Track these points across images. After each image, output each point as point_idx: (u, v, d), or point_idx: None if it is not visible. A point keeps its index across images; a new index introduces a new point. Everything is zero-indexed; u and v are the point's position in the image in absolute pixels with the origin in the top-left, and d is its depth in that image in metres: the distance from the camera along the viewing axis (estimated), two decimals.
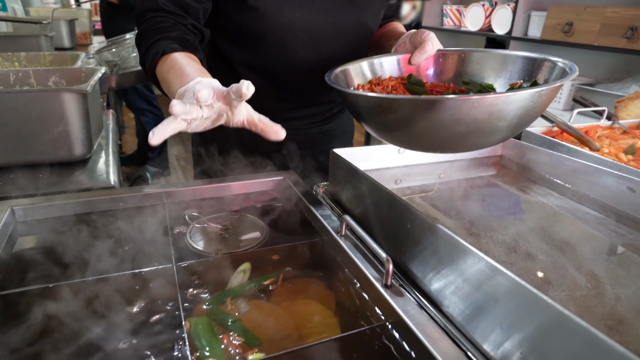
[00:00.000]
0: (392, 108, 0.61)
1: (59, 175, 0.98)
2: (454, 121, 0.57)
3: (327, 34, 0.89)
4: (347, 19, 0.90)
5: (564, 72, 0.67)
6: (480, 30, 2.48)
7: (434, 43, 0.79)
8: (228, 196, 0.81)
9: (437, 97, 0.57)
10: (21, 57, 1.41)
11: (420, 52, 0.77)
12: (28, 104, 0.93)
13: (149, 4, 0.78)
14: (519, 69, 0.77)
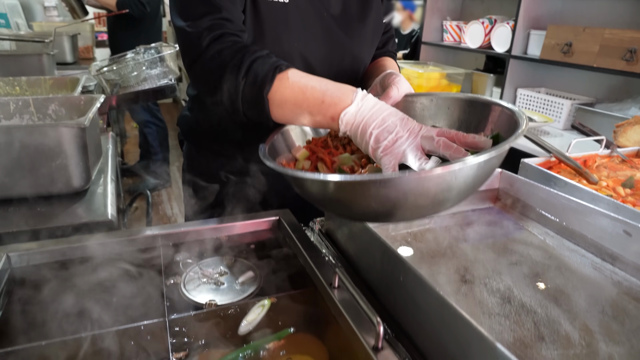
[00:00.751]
0: (305, 186, 0.59)
1: (57, 208, 0.99)
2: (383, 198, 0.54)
3: (322, 64, 0.90)
4: (343, 51, 0.91)
5: (515, 124, 0.64)
6: (480, 48, 2.49)
7: (399, 88, 0.78)
8: (223, 237, 0.81)
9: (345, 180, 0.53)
10: (22, 82, 1.42)
11: (386, 98, 0.77)
12: (26, 138, 0.94)
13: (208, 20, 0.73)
14: (477, 113, 0.75)
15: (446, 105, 0.79)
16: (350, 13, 0.90)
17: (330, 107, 0.64)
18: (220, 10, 0.74)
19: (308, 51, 0.86)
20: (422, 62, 2.86)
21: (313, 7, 0.84)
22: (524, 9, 2.22)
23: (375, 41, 0.97)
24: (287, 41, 0.82)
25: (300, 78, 0.67)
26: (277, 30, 0.81)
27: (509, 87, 2.37)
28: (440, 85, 2.55)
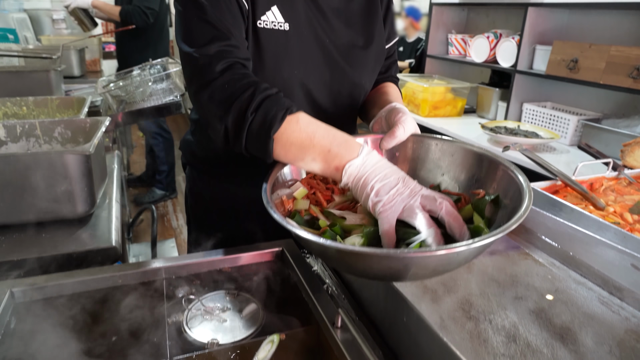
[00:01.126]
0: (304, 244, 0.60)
1: (62, 234, 0.99)
2: (386, 268, 0.56)
3: (323, 92, 0.90)
4: (343, 78, 0.91)
5: (518, 191, 0.65)
6: (485, 62, 2.48)
7: (405, 127, 0.78)
8: (226, 269, 0.81)
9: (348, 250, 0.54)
10: (29, 102, 1.44)
11: (390, 138, 0.78)
12: (32, 165, 0.95)
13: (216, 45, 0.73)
14: (480, 167, 0.76)
15: (451, 151, 0.79)
16: (352, 41, 0.90)
17: (336, 157, 0.65)
18: (228, 36, 0.73)
19: (308, 79, 0.86)
20: (427, 75, 2.87)
21: (314, 34, 0.84)
22: (529, 24, 2.21)
23: (377, 68, 0.97)
24: (287, 68, 0.83)
25: (309, 124, 0.68)
26: (277, 58, 0.81)
27: (515, 101, 2.37)
28: (446, 99, 2.55)
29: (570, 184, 1.15)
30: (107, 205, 1.15)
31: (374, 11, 0.93)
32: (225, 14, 0.74)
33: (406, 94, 2.67)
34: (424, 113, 2.53)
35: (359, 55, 0.90)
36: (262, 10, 0.79)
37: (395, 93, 0.99)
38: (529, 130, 2.12)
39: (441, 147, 0.80)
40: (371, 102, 0.98)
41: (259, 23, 0.79)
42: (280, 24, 0.80)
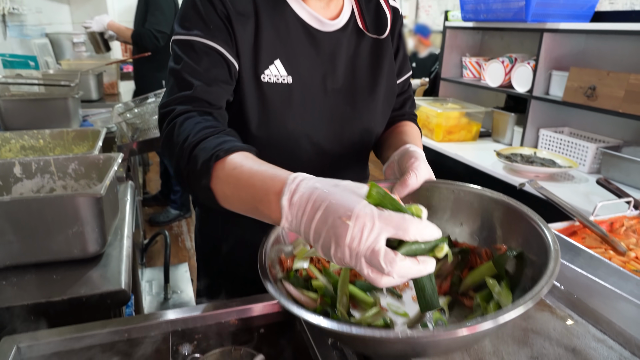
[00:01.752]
0: None
1: (72, 275, 0.99)
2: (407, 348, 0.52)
3: (330, 141, 0.88)
4: (351, 125, 0.89)
5: (545, 249, 0.60)
6: (500, 87, 2.46)
7: (418, 174, 0.74)
8: (232, 321, 0.80)
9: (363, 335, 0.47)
10: (45, 135, 1.46)
11: (402, 187, 0.74)
12: (44, 208, 0.95)
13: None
14: (508, 222, 0.71)
15: (469, 199, 0.74)
16: (357, 85, 0.88)
17: (263, 206, 0.55)
18: (193, 86, 0.73)
19: (314, 130, 0.85)
20: (441, 99, 2.85)
21: (319, 84, 0.83)
22: (545, 49, 2.19)
23: (388, 109, 0.95)
24: (291, 121, 0.82)
25: (234, 169, 0.60)
26: (281, 111, 0.81)
27: (531, 127, 2.33)
28: (460, 123, 2.52)
29: (588, 225, 1.11)
30: (119, 242, 1.15)
31: (383, 49, 0.91)
32: (201, 68, 0.74)
33: (420, 117, 2.65)
34: (438, 138, 2.51)
35: (367, 99, 0.89)
36: (265, 64, 0.79)
37: (412, 132, 0.96)
38: (546, 158, 2.08)
39: (458, 195, 0.76)
40: (386, 143, 0.95)
41: (262, 77, 0.79)
42: (283, 77, 0.80)
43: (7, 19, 2.51)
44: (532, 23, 2.15)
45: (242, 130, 0.83)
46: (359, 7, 0.88)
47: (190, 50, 0.74)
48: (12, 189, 1.18)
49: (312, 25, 0.82)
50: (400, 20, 0.94)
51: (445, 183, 0.77)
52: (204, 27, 0.75)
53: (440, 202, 0.77)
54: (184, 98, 0.73)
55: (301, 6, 0.81)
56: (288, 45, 0.81)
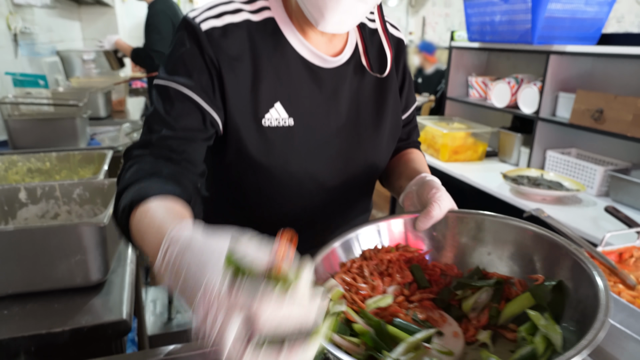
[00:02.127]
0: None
1: (74, 303, 0.99)
2: None
3: (334, 178, 0.87)
4: (355, 162, 0.88)
5: (591, 282, 0.59)
6: (506, 107, 2.45)
7: (441, 205, 0.73)
8: None
9: None
10: (52, 157, 1.47)
11: (426, 218, 0.73)
12: (46, 237, 0.95)
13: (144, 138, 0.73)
14: (539, 251, 0.70)
15: (495, 229, 0.73)
16: (362, 121, 0.86)
17: (151, 256, 0.52)
18: (156, 131, 0.72)
19: (317, 170, 0.83)
20: (447, 118, 2.84)
21: (320, 123, 0.82)
22: (552, 71, 2.18)
23: (393, 144, 0.94)
24: (294, 163, 0.81)
25: (145, 214, 0.58)
26: (284, 154, 0.79)
27: (538, 148, 2.31)
28: (466, 144, 2.51)
29: (596, 257, 1.09)
30: (122, 268, 1.15)
31: (387, 86, 0.89)
32: (171, 117, 0.72)
33: (425, 137, 2.64)
34: (444, 158, 2.50)
35: (372, 136, 0.87)
36: (265, 108, 0.77)
37: (420, 160, 0.96)
38: (554, 180, 2.06)
39: (484, 225, 0.75)
40: (396, 172, 0.94)
41: (263, 122, 0.77)
42: (284, 119, 0.78)
43: (18, 37, 2.55)
44: (539, 45, 2.15)
45: (246, 171, 0.82)
46: (364, 42, 0.86)
47: (165, 97, 0.73)
48: (17, 214, 1.18)
49: (314, 63, 0.80)
50: (404, 51, 0.94)
51: (469, 213, 0.76)
52: (184, 73, 0.73)
53: (466, 231, 0.75)
54: (144, 143, 0.72)
55: (302, 44, 0.79)
56: (289, 85, 0.79)
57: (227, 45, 0.74)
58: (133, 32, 5.47)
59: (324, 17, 0.70)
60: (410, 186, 0.83)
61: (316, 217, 0.89)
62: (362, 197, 0.95)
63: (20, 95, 2.20)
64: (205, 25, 0.73)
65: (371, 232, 0.77)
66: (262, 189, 0.83)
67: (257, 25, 0.77)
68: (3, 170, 1.41)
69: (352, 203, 0.93)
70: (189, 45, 0.74)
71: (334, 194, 0.87)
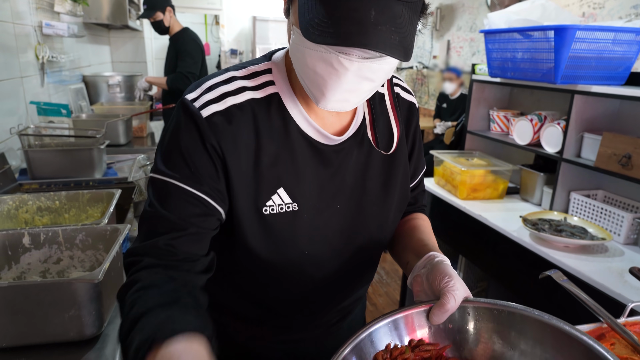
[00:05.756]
0: None
1: (67, 358, 0.97)
2: None
3: (336, 259, 0.82)
4: (360, 240, 0.82)
5: None
6: (528, 145, 2.37)
7: (456, 296, 0.67)
8: None
9: None
10: (62, 196, 1.48)
11: (441, 312, 0.67)
12: (41, 293, 0.94)
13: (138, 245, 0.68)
14: (556, 346, 0.64)
15: (515, 321, 0.68)
16: (367, 197, 0.81)
17: None
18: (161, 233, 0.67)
19: (317, 252, 0.79)
20: (467, 152, 2.77)
21: (325, 204, 0.77)
22: (576, 111, 2.10)
23: (399, 216, 0.89)
24: (295, 248, 0.76)
25: None
26: (284, 241, 0.75)
27: (561, 189, 2.22)
28: (486, 181, 2.43)
29: (618, 331, 1.01)
30: (118, 320, 1.13)
31: (396, 159, 0.84)
32: (175, 217, 0.67)
33: (444, 173, 2.58)
34: (462, 196, 2.42)
35: (378, 212, 0.83)
36: (267, 196, 0.73)
37: (426, 229, 0.90)
38: (577, 226, 1.96)
39: (501, 317, 0.70)
40: (402, 243, 0.89)
41: (264, 210, 0.73)
42: (288, 205, 0.74)
43: (45, 66, 2.63)
44: (562, 84, 2.07)
45: (240, 257, 0.79)
46: (371, 114, 0.81)
47: (166, 194, 0.68)
48: (20, 258, 1.18)
49: (319, 141, 0.76)
50: (416, 115, 0.89)
51: (485, 303, 0.71)
52: (185, 166, 0.68)
53: (484, 323, 0.71)
54: (151, 249, 0.67)
55: (307, 121, 0.74)
56: (292, 168, 0.74)
57: (230, 131, 0.69)
58: (159, 53, 5.63)
59: (325, 95, 0.66)
60: (419, 268, 0.77)
61: (315, 297, 0.85)
62: (366, 271, 0.90)
63: (42, 126, 2.26)
64: (206, 112, 0.68)
65: (384, 331, 0.70)
66: (257, 274, 0.80)
67: (261, 102, 0.73)
68: (14, 209, 1.42)
69: (354, 279, 0.88)
70: (189, 134, 0.69)
71: (335, 274, 0.83)
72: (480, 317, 0.71)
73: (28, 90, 2.39)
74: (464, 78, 5.04)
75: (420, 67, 6.20)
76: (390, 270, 3.67)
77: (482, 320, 0.71)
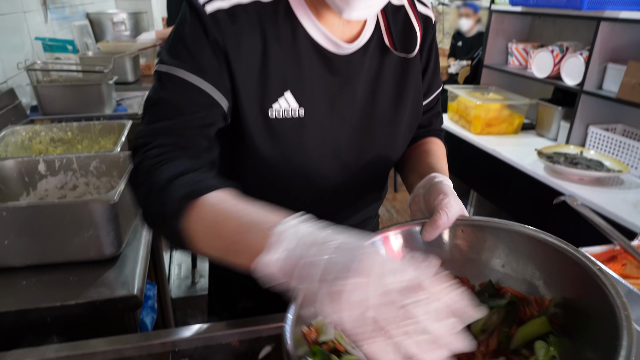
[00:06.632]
0: None
1: (88, 276, 1.01)
2: None
3: (342, 174, 0.81)
4: (367, 156, 0.81)
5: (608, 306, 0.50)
6: (547, 78, 2.28)
7: (449, 213, 0.65)
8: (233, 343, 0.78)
9: None
10: (73, 127, 1.49)
11: (432, 228, 0.65)
12: (60, 213, 0.97)
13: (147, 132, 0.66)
14: (556, 266, 0.60)
15: (509, 239, 0.65)
16: (378, 111, 0.79)
17: (243, 252, 0.49)
18: (170, 117, 0.66)
19: (324, 163, 0.77)
20: (482, 87, 2.69)
21: (333, 114, 0.75)
22: (601, 39, 1.99)
23: (409, 135, 0.86)
24: (301, 156, 0.75)
25: (214, 207, 0.54)
26: (290, 148, 0.74)
27: (579, 123, 2.16)
28: (501, 116, 2.38)
29: (630, 251, 1.01)
30: (137, 241, 1.16)
31: (410, 69, 0.81)
32: (181, 104, 0.66)
33: (458, 109, 2.52)
34: (476, 131, 2.38)
35: (388, 127, 0.80)
36: (273, 98, 0.70)
37: (437, 152, 0.87)
38: (594, 159, 1.92)
39: (496, 234, 0.67)
40: (410, 165, 0.87)
41: (270, 113, 0.71)
42: (294, 110, 0.72)
43: (48, 2, 2.55)
44: (588, 11, 1.96)
45: (246, 162, 0.78)
46: (386, 20, 0.77)
47: (172, 84, 0.67)
48: (37, 185, 1.20)
49: (329, 49, 0.73)
50: (432, 30, 0.84)
51: (478, 221, 0.69)
52: (189, 58, 0.67)
53: (477, 241, 0.68)
54: (161, 130, 0.66)
55: (317, 27, 0.72)
56: (301, 73, 0.72)
57: (234, 29, 0.68)
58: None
59: (350, 4, 0.64)
60: (418, 189, 0.75)
61: (321, 210, 0.84)
62: (373, 188, 0.90)
63: (49, 61, 2.23)
64: (210, 7, 0.67)
65: (377, 245, 0.69)
66: (262, 182, 0.79)
67: (267, 7, 0.70)
68: (27, 140, 1.43)
69: (360, 196, 0.87)
70: (193, 28, 0.68)
71: (342, 188, 0.82)
72: (473, 234, 0.68)
73: (32, 27, 2.33)
74: (481, 14, 4.79)
75: (435, 3, 5.91)
76: (400, 209, 3.70)
77: (475, 238, 0.68)
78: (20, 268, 1.01)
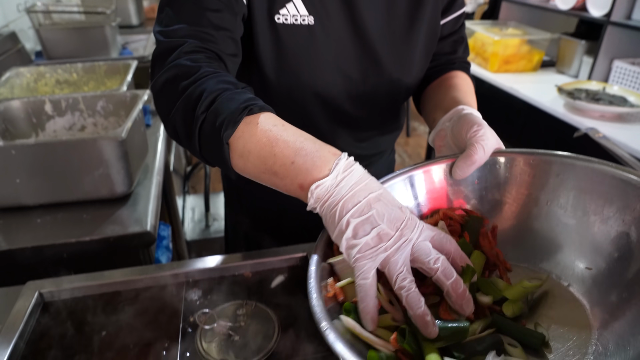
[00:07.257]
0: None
1: (101, 214, 1.02)
2: None
3: (351, 99, 0.77)
4: (377, 76, 0.76)
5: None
6: (572, 10, 2.14)
7: (485, 146, 0.58)
8: (247, 274, 0.79)
9: None
10: (78, 68, 1.45)
11: (466, 164, 0.58)
12: (69, 151, 0.96)
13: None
14: (615, 192, 0.51)
15: (555, 171, 0.57)
16: (392, 26, 0.74)
17: (300, 173, 0.50)
18: (204, 23, 0.61)
19: (333, 83, 0.74)
20: (501, 22, 2.55)
21: (344, 26, 0.70)
22: None
23: (426, 59, 0.80)
24: (308, 72, 0.71)
25: (273, 126, 0.52)
26: (297, 59, 0.70)
27: (603, 57, 2.05)
28: (520, 52, 2.27)
29: None
30: (148, 181, 1.16)
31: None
32: (206, 4, 0.61)
33: (474, 45, 2.40)
34: (493, 68, 2.28)
35: (402, 45, 0.75)
36: (281, 2, 0.66)
37: (464, 87, 0.79)
38: (617, 95, 1.84)
39: (540, 166, 0.59)
40: (432, 101, 0.80)
41: (277, 18, 0.66)
42: (303, 17, 0.67)
43: None
44: None
45: (246, 74, 0.74)
46: None
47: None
48: (45, 125, 1.19)
49: None
50: None
51: (519, 152, 0.61)
52: None
53: (517, 175, 0.61)
54: (192, 31, 0.60)
55: None
56: None
57: None
58: None
59: None
60: (444, 122, 0.69)
61: (331, 136, 0.81)
62: (386, 119, 0.86)
63: (50, 3, 2.16)
64: None
65: (399, 188, 0.61)
66: (271, 104, 0.77)
67: None
68: (32, 82, 1.41)
69: (372, 123, 0.84)
70: None
71: (352, 112, 0.79)
72: (512, 166, 0.60)
73: None
74: None
75: None
76: (412, 154, 3.67)
77: (515, 169, 0.60)
78: (34, 207, 1.02)
